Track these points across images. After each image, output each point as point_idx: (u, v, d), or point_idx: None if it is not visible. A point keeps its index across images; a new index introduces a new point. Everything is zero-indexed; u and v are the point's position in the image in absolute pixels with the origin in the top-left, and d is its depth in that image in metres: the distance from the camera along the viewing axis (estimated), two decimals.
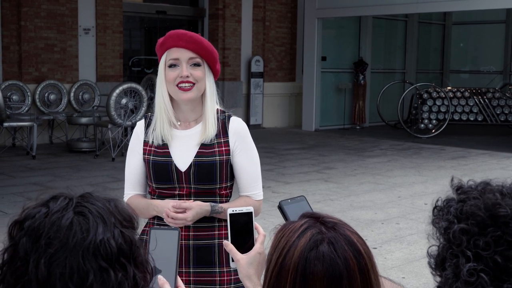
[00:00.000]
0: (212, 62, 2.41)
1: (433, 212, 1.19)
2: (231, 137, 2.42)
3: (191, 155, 2.38)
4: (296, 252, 1.22)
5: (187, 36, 2.36)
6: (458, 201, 1.15)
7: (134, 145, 2.48)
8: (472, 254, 1.07)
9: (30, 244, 0.99)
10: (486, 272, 1.05)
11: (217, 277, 2.39)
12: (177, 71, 2.35)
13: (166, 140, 2.40)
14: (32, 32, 11.63)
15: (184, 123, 2.44)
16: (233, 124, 2.43)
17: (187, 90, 2.35)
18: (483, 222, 1.08)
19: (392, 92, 15.64)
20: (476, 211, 1.09)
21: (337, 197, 7.71)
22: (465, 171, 9.53)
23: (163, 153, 2.40)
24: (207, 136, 2.38)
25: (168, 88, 2.38)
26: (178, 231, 1.43)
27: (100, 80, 12.49)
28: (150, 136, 2.42)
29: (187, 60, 2.35)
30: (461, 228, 1.09)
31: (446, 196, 1.18)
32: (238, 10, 14.43)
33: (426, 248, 1.19)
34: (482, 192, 1.14)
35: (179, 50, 2.35)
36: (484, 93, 14.04)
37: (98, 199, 1.06)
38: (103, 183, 8.30)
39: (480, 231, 1.08)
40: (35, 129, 10.22)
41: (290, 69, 15.66)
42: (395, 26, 16.90)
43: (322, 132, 14.39)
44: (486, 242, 1.06)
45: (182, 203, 2.32)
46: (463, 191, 1.17)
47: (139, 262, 1.04)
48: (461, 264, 1.07)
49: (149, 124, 2.46)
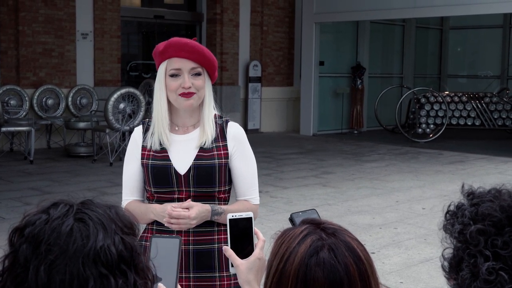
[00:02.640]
0: (212, 70, 2.44)
1: (445, 217, 1.21)
2: (230, 141, 2.43)
3: (190, 158, 2.39)
4: (297, 259, 1.22)
5: (189, 46, 2.37)
6: (471, 205, 1.17)
7: (132, 150, 2.48)
8: (490, 253, 1.09)
9: (30, 251, 0.99)
10: (506, 270, 1.08)
11: (217, 281, 2.39)
12: (179, 81, 2.37)
13: (165, 144, 2.41)
14: (30, 37, 11.63)
15: (183, 128, 2.45)
16: (231, 129, 2.45)
17: (188, 98, 2.37)
18: (500, 223, 1.11)
19: (390, 96, 15.66)
20: (493, 212, 1.12)
21: (335, 202, 7.71)
22: (463, 176, 9.53)
23: (162, 157, 2.40)
24: (206, 140, 2.39)
25: (169, 96, 2.40)
26: (179, 239, 1.43)
27: (98, 85, 12.50)
28: (149, 141, 2.43)
29: (189, 70, 2.37)
30: (478, 228, 1.12)
31: (458, 202, 1.20)
32: (236, 15, 14.45)
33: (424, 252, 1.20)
34: (495, 196, 1.17)
35: (180, 60, 2.37)
36: (482, 98, 14.06)
37: (99, 206, 1.06)
38: (101, 188, 8.30)
39: (497, 231, 1.11)
40: (32, 134, 10.21)
41: (288, 74, 15.67)
42: (392, 30, 16.93)
43: (320, 136, 14.40)
44: (504, 242, 1.09)
45: (182, 203, 2.32)
46: (475, 196, 1.19)
47: (140, 269, 1.03)
48: (480, 263, 1.10)
49: (147, 130, 2.47)
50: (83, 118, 11.19)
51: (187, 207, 2.31)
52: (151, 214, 2.39)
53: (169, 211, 2.29)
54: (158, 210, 2.36)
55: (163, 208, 2.34)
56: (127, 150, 2.52)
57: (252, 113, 14.74)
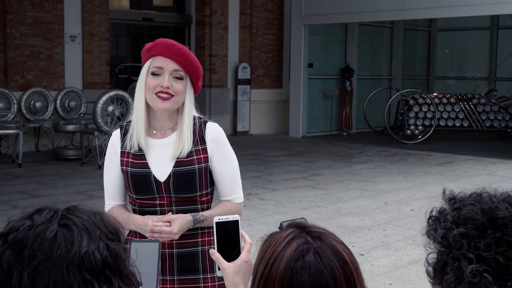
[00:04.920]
0: (195, 78, 2.39)
1: (428, 222, 1.22)
2: (209, 144, 2.41)
3: (169, 165, 2.36)
4: (282, 263, 1.22)
5: (176, 47, 2.35)
6: (453, 209, 1.18)
7: (111, 155, 2.45)
8: (474, 256, 1.10)
9: (13, 257, 0.98)
10: (489, 272, 1.09)
11: (201, 283, 2.39)
12: (159, 80, 2.33)
13: (143, 148, 2.38)
14: (18, 40, 11.57)
15: (160, 131, 2.42)
16: (209, 131, 2.42)
17: (164, 100, 2.33)
18: (482, 225, 1.12)
19: (379, 98, 15.71)
20: (474, 215, 1.13)
21: (324, 204, 7.72)
22: (451, 177, 9.58)
23: (140, 163, 2.38)
24: (182, 150, 2.36)
25: (146, 95, 2.37)
26: (158, 242, 1.43)
27: (87, 88, 12.46)
28: (128, 143, 2.40)
29: (171, 71, 2.34)
30: (461, 232, 1.12)
31: (440, 207, 1.21)
32: (225, 17, 14.45)
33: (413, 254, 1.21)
34: (476, 199, 1.18)
35: (164, 59, 2.34)
36: (470, 99, 14.13)
37: (84, 212, 1.05)
38: (89, 191, 8.27)
39: (480, 234, 1.11)
40: (21, 137, 10.16)
41: (277, 76, 15.69)
42: (381, 32, 16.99)
43: (309, 138, 14.42)
44: (487, 244, 1.10)
45: (163, 217, 2.30)
46: (457, 200, 1.20)
47: (125, 274, 1.03)
48: (464, 266, 1.10)
49: (125, 134, 2.44)
50: (72, 121, 11.15)
51: (168, 220, 2.29)
52: (132, 226, 2.38)
53: (151, 227, 2.27)
54: (140, 223, 2.34)
55: (144, 222, 2.32)
56: (106, 155, 2.49)
57: (241, 115, 14.73)
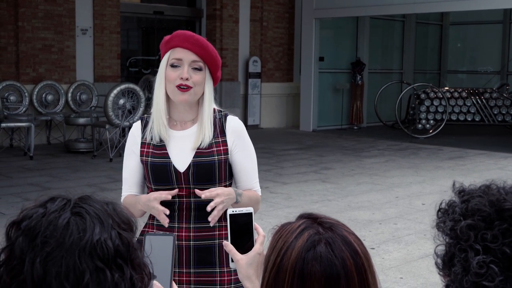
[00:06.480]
0: (214, 68, 2.40)
1: (437, 214, 1.23)
2: (229, 136, 2.42)
3: (189, 156, 2.37)
4: (294, 253, 1.22)
5: (194, 38, 2.36)
6: (462, 201, 1.19)
7: (131, 146, 2.47)
8: (481, 247, 1.11)
9: (26, 243, 0.99)
10: (496, 263, 1.10)
11: (218, 277, 2.39)
12: (178, 71, 2.34)
13: (164, 139, 2.40)
14: (30, 33, 11.62)
15: (181, 123, 2.43)
16: (230, 123, 2.43)
17: (184, 91, 2.34)
18: (489, 217, 1.13)
19: (390, 92, 15.65)
20: (482, 207, 1.14)
21: (335, 198, 7.72)
22: (463, 172, 9.54)
23: (161, 154, 2.39)
24: (203, 141, 2.37)
25: (167, 87, 2.38)
26: (173, 236, 1.43)
27: (98, 81, 12.49)
28: (148, 135, 2.42)
29: (190, 62, 2.35)
30: (468, 224, 1.13)
31: (449, 199, 1.22)
32: (236, 11, 14.43)
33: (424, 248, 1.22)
34: (485, 191, 1.19)
35: (183, 51, 2.35)
36: (482, 94, 14.05)
37: (96, 201, 1.06)
38: (101, 184, 8.30)
39: (487, 226, 1.13)
40: (32, 130, 10.21)
41: (287, 70, 15.66)
42: (392, 26, 16.91)
43: (320, 132, 14.39)
44: (493, 235, 1.11)
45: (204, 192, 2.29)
46: (466, 192, 1.21)
47: (137, 264, 1.03)
48: (470, 257, 1.11)
49: (146, 125, 2.45)
50: (83, 114, 11.19)
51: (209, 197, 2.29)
52: (138, 206, 2.38)
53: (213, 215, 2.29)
54: (144, 200, 2.35)
55: (147, 197, 2.34)
56: (126, 146, 2.50)
57: (251, 109, 14.73)
